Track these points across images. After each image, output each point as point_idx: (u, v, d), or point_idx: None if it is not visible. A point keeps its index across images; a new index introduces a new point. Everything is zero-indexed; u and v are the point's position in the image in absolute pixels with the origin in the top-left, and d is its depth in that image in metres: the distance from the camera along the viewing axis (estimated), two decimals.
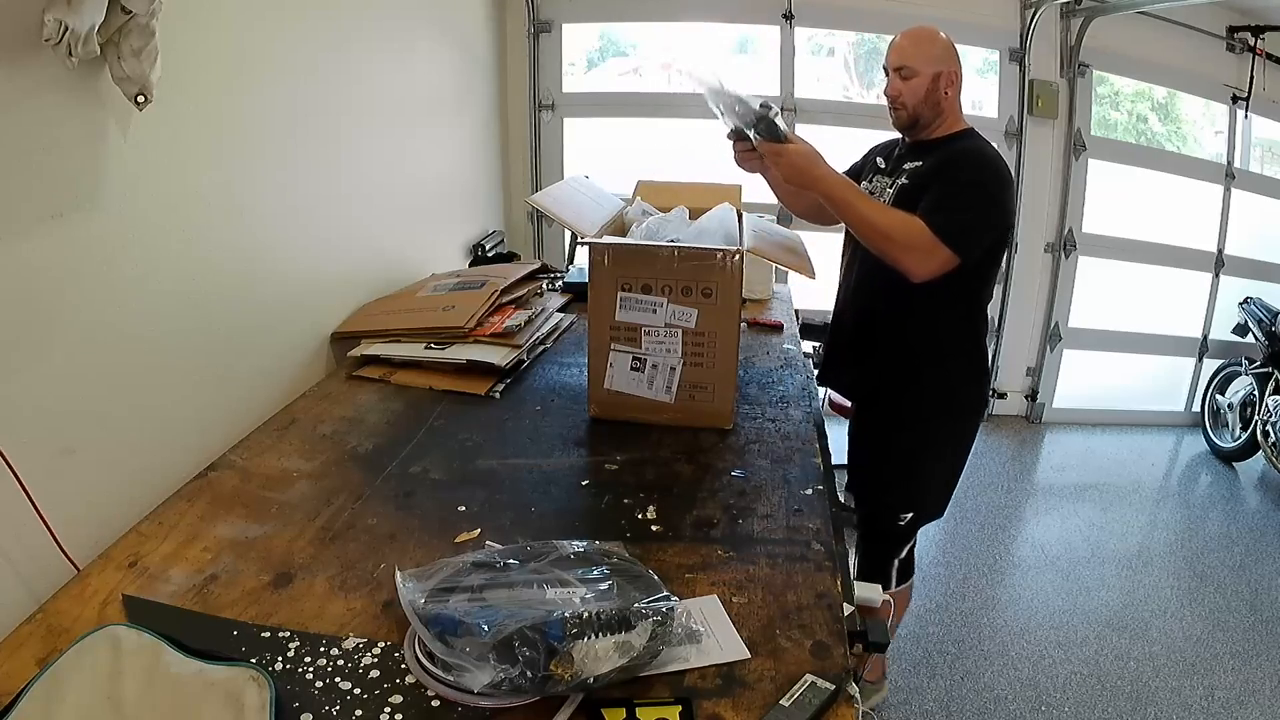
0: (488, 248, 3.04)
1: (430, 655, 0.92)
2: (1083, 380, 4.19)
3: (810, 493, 1.40)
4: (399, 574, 1.01)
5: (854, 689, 0.94)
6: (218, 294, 1.51)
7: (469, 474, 1.43)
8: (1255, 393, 3.60)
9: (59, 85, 1.10)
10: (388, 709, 0.89)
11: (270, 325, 1.70)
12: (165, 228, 1.36)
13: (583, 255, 1.97)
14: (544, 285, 2.25)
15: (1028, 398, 4.13)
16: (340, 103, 1.95)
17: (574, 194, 1.99)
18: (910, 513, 1.89)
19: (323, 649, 0.98)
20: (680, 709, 0.90)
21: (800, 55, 3.71)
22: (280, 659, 0.96)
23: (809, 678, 0.94)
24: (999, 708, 2.22)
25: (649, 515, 1.31)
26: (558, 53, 3.68)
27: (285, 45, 1.70)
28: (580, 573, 1.02)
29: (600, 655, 0.88)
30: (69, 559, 1.12)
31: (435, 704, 0.90)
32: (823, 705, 0.91)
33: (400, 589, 0.99)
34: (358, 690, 0.91)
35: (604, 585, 0.99)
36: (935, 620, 2.57)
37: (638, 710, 0.89)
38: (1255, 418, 3.56)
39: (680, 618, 0.98)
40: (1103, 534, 3.18)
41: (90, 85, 1.15)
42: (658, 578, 1.04)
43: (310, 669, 0.94)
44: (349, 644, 0.99)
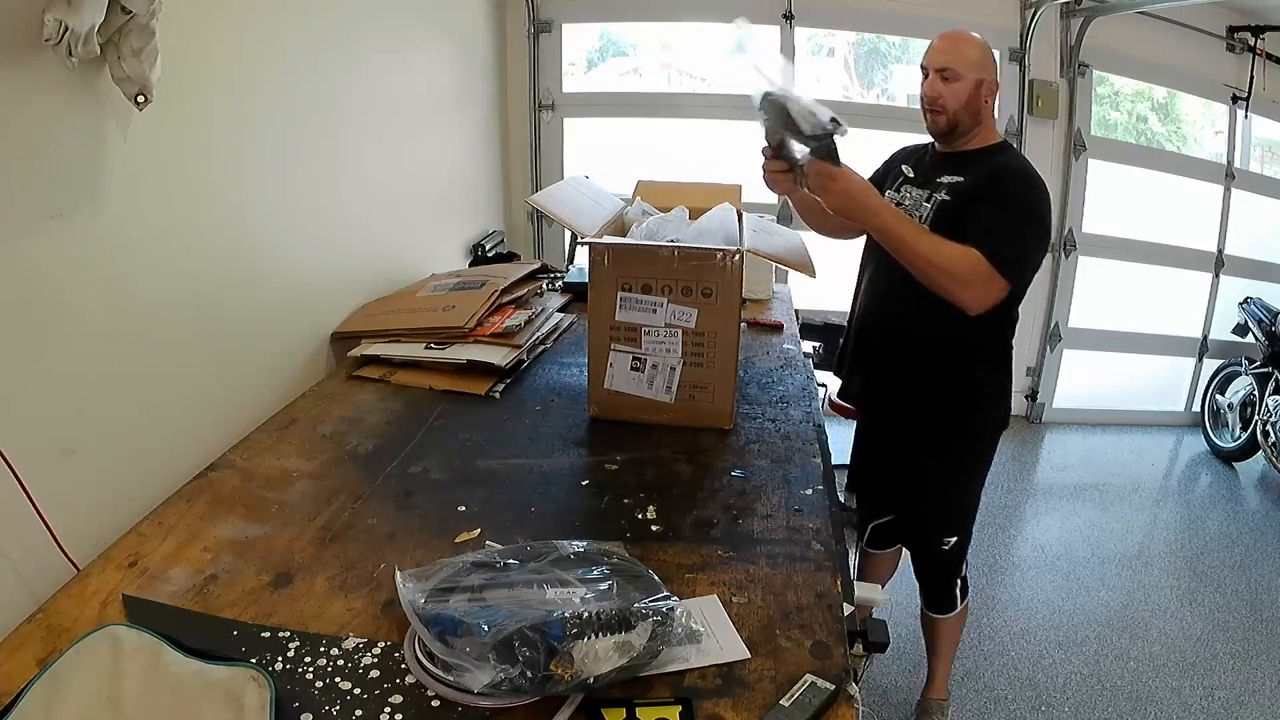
0: (488, 248, 3.04)
1: (430, 655, 0.92)
2: (1083, 380, 4.18)
3: (810, 493, 1.40)
4: (399, 574, 1.01)
5: (854, 689, 0.94)
6: (217, 294, 1.51)
7: (469, 474, 1.43)
8: (1255, 393, 3.60)
9: (59, 85, 1.10)
10: (388, 709, 0.89)
11: (270, 325, 1.70)
12: (165, 228, 1.36)
13: (583, 255, 1.97)
14: (544, 285, 2.25)
15: (1028, 398, 4.13)
16: (340, 103, 1.95)
17: (574, 194, 1.99)
18: (955, 537, 1.88)
19: (323, 649, 0.98)
20: (680, 709, 0.90)
21: (800, 55, 3.71)
22: (280, 659, 0.96)
23: (809, 678, 0.94)
24: (999, 708, 2.22)
25: (649, 515, 1.31)
26: (558, 53, 3.68)
27: (285, 45, 1.70)
28: (580, 573, 1.02)
29: (600, 655, 0.88)
30: (69, 559, 1.12)
31: (435, 704, 0.90)
32: (823, 705, 0.91)
33: (400, 589, 0.99)
34: (358, 690, 0.91)
35: (604, 585, 0.99)
36: None
37: (638, 710, 0.89)
38: (1255, 418, 3.56)
39: (680, 618, 0.98)
40: (1103, 534, 3.18)
41: (90, 85, 1.15)
42: (658, 578, 1.04)
43: (310, 669, 0.94)
44: (349, 644, 0.99)
